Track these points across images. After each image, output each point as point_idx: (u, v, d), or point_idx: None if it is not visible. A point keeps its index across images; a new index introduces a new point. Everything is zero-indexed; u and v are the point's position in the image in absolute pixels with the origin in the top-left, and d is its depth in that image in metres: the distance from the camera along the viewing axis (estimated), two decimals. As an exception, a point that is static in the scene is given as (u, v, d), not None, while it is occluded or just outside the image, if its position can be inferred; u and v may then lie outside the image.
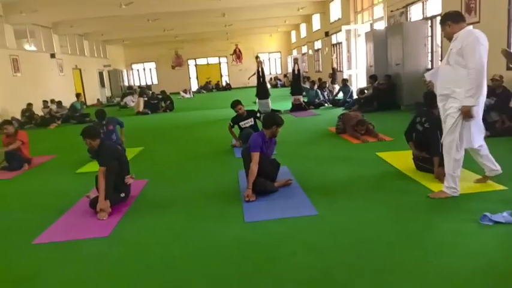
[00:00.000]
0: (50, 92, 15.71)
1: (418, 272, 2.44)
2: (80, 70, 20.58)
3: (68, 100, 14.79)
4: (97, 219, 3.69)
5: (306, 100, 12.21)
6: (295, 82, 11.77)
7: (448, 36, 3.48)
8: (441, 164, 4.00)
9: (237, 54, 29.31)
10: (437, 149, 4.02)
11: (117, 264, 2.85)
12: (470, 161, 4.55)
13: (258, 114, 6.77)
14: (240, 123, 6.69)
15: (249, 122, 6.70)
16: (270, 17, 20.88)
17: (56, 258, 3.04)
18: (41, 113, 13.38)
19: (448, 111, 3.43)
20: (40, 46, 16.88)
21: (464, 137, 3.46)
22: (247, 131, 6.43)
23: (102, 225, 3.58)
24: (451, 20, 3.41)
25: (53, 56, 17.29)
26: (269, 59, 30.47)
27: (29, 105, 13.10)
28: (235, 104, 6.69)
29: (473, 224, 3.00)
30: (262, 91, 11.28)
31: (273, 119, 4.24)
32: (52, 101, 14.17)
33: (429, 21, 9.63)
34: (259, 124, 5.75)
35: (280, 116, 4.42)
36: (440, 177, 3.96)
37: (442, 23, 3.48)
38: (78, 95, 14.30)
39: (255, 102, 11.70)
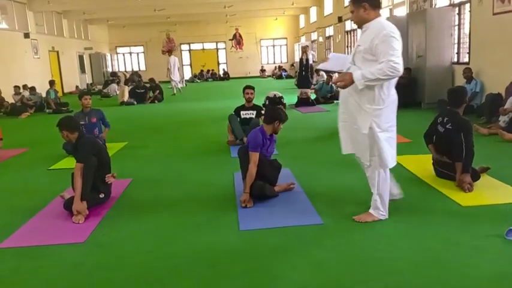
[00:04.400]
0: (23, 77, 15.69)
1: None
2: (58, 52, 20.58)
3: (42, 86, 14.79)
4: (72, 223, 3.71)
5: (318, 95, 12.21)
6: (303, 73, 11.77)
7: (359, 23, 3.28)
8: (464, 170, 4.02)
9: (237, 40, 29.31)
10: (459, 154, 4.05)
11: (93, 274, 2.86)
12: (497, 169, 4.58)
13: (263, 111, 6.78)
14: (242, 112, 6.78)
15: (251, 113, 6.77)
16: (276, -2, 20.90)
17: (23, 265, 3.05)
18: (11, 100, 13.39)
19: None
20: (12, 24, 16.86)
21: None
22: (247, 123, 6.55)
23: (77, 229, 3.59)
24: (370, 2, 3.20)
25: (27, 35, 17.28)
26: (273, 46, 30.49)
27: (-2, 91, 13.12)
28: (247, 87, 6.87)
29: (498, 239, 3.02)
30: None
31: (275, 113, 4.27)
32: (24, 87, 14.17)
33: (456, 8, 9.64)
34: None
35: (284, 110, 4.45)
36: (463, 186, 3.99)
37: (356, 3, 3.22)
38: (51, 83, 13.98)
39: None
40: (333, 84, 12.50)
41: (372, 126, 3.23)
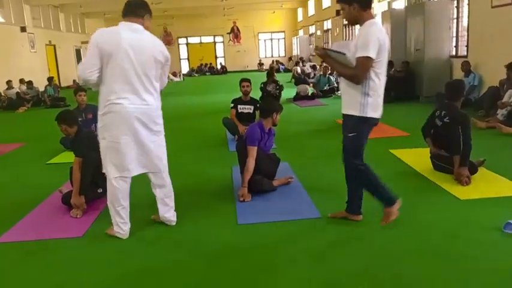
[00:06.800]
0: (20, 71, 15.64)
1: (436, 286, 2.47)
2: (54, 46, 20.50)
3: (39, 80, 14.74)
4: (70, 217, 3.71)
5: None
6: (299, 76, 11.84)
7: None
8: (462, 164, 4.03)
9: (235, 33, 29.28)
10: (457, 147, 4.05)
11: (91, 268, 2.87)
12: (495, 163, 4.59)
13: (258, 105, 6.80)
14: (239, 106, 6.76)
15: (248, 108, 6.74)
16: (274, -9, 20.81)
17: (21, 260, 3.06)
18: (8, 95, 13.32)
19: None
20: (9, 18, 16.78)
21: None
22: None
23: (75, 223, 3.60)
24: (123, 11, 3.19)
25: (23, 29, 17.20)
26: (271, 40, 30.41)
27: (-6, 85, 13.07)
28: (243, 80, 6.83)
29: (496, 232, 3.03)
30: None
31: (271, 105, 4.31)
32: (21, 81, 14.12)
33: (455, 1, 9.61)
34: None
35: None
36: (461, 179, 4.00)
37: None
38: (50, 79, 13.96)
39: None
40: (329, 76, 12.52)
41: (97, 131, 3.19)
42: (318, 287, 2.52)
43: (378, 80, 2.97)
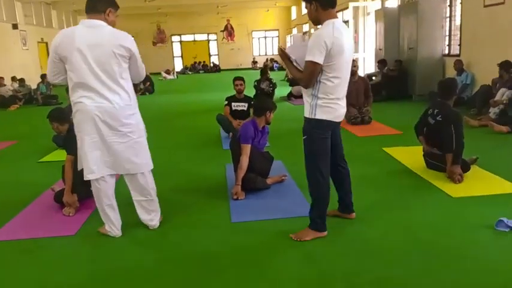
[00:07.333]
0: (12, 68, 15.51)
1: (428, 285, 2.48)
2: (47, 44, 20.34)
3: (32, 78, 14.62)
4: (63, 215, 3.69)
5: None
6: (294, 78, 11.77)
7: None
8: (455, 162, 4.05)
9: (229, 31, 29.24)
10: (450, 145, 4.07)
11: (84, 267, 2.85)
12: (487, 161, 4.62)
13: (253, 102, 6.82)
14: (233, 104, 6.76)
15: (243, 106, 6.75)
16: (267, -11, 20.79)
17: (14, 259, 3.04)
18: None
19: None
20: (0, 15, 16.63)
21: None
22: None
23: (68, 222, 3.58)
24: (85, 8, 3.05)
25: (15, 26, 17.06)
26: (265, 38, 30.39)
27: (-15, 83, 12.92)
28: (236, 79, 6.88)
29: (488, 230, 3.05)
30: None
31: (264, 103, 4.32)
32: (13, 79, 14.00)
33: (448, 0, 9.66)
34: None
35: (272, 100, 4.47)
36: (453, 177, 4.02)
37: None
38: (43, 76, 13.86)
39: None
40: None
41: None
42: (311, 285, 2.52)
43: (330, 82, 2.82)
